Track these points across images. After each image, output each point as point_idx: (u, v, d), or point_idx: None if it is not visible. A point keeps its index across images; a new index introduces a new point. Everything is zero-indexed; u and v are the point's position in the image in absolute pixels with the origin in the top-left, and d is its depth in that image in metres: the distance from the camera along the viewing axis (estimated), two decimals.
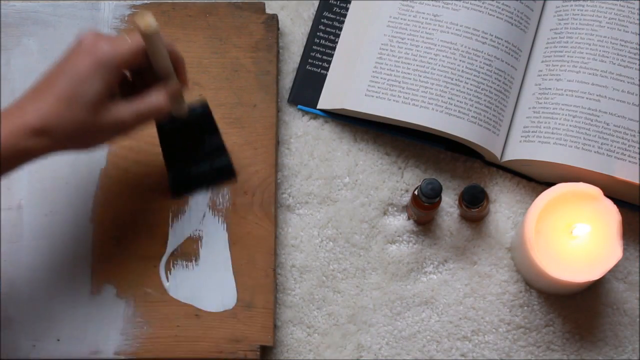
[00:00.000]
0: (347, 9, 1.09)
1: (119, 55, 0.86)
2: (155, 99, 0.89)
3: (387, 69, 1.04)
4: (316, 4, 1.10)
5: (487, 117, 1.02)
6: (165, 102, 0.89)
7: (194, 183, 1.01)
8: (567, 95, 1.01)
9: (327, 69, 1.08)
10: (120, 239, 1.01)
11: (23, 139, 0.83)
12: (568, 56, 1.03)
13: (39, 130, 0.83)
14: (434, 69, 1.03)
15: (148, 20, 0.84)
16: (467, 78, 1.02)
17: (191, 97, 1.05)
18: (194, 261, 1.01)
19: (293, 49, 1.10)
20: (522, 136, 1.02)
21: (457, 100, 1.01)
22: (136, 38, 0.87)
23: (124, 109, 0.87)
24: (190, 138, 0.98)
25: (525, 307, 1.02)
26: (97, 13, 1.07)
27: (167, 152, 0.99)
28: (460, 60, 1.03)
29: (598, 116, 0.99)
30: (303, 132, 1.07)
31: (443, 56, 1.03)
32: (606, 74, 1.00)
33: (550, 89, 1.02)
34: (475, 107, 1.02)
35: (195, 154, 0.99)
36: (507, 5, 1.04)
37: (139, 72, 0.91)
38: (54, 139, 0.84)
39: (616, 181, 0.99)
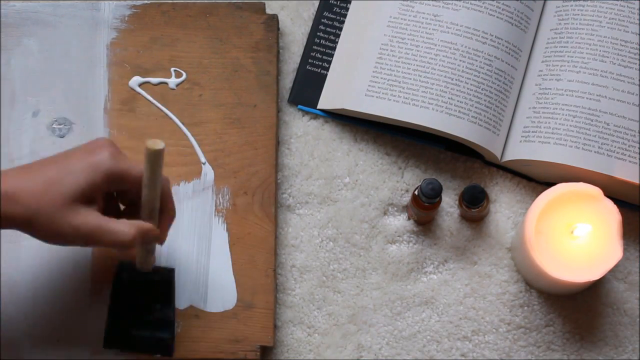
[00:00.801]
0: (347, 9, 1.09)
1: (114, 167, 0.86)
2: (123, 227, 0.87)
3: (388, 69, 1.04)
4: (316, 4, 1.10)
5: (487, 117, 1.02)
6: (131, 238, 0.87)
7: (128, 343, 0.97)
8: (567, 95, 1.01)
9: (327, 69, 1.08)
10: None
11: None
12: (568, 56, 1.03)
13: (10, 195, 0.83)
14: (434, 69, 1.03)
15: (157, 141, 0.83)
16: (467, 78, 1.02)
17: (192, 96, 1.05)
18: (194, 261, 1.01)
19: (293, 49, 1.10)
20: (522, 136, 1.02)
21: (457, 100, 1.01)
22: (140, 167, 0.86)
23: (91, 219, 0.85)
24: (143, 298, 0.97)
25: (526, 307, 1.02)
26: (97, 13, 1.07)
27: (114, 301, 0.96)
28: (460, 60, 1.03)
29: (598, 116, 0.99)
30: (303, 132, 1.07)
31: (443, 56, 1.03)
32: (606, 74, 1.00)
33: (550, 89, 1.02)
34: (476, 107, 1.02)
35: (141, 316, 0.97)
36: (507, 5, 1.04)
37: (130, 203, 0.91)
38: (19, 211, 0.83)
39: (616, 181, 0.99)
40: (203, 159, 1.03)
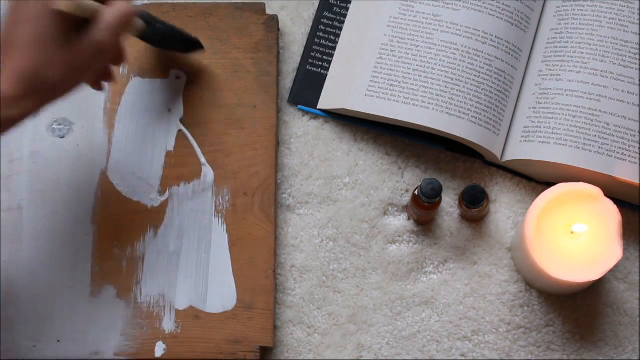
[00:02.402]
0: (347, 9, 1.09)
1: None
2: (118, 3, 0.86)
3: (388, 69, 1.04)
4: (316, 4, 1.10)
5: (488, 117, 1.02)
6: (128, 5, 0.87)
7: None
8: (567, 95, 1.01)
9: (327, 69, 1.08)
10: (120, 240, 1.01)
11: (12, 102, 0.81)
12: (568, 56, 1.02)
13: (26, 89, 0.82)
14: (434, 69, 1.03)
15: None
16: (468, 78, 1.02)
17: (192, 97, 1.05)
18: (194, 262, 1.01)
19: (293, 49, 1.10)
20: (522, 136, 1.02)
21: (458, 100, 1.01)
22: None
23: (96, 30, 0.85)
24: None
25: (526, 307, 1.03)
26: None
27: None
28: (460, 60, 1.03)
29: (598, 116, 0.99)
30: (303, 132, 1.07)
31: (443, 56, 1.03)
32: (606, 74, 1.00)
33: (550, 89, 1.02)
34: (476, 107, 1.02)
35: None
36: (507, 5, 1.04)
37: None
38: (46, 89, 0.83)
39: (616, 181, 0.99)
40: (203, 160, 1.03)
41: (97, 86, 0.95)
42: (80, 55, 0.85)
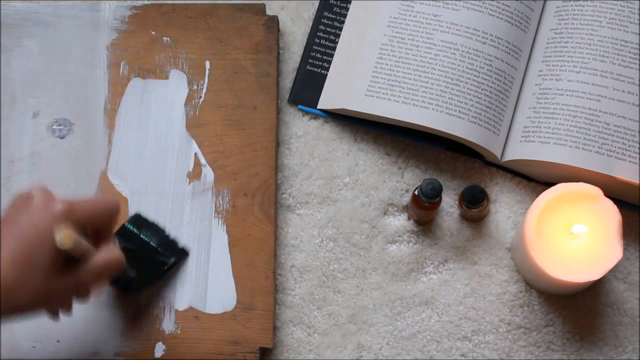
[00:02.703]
0: (347, 9, 1.09)
1: (77, 211, 0.83)
2: (112, 251, 0.87)
3: (388, 69, 1.04)
4: (316, 4, 1.10)
5: (488, 117, 1.02)
6: (120, 254, 0.87)
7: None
8: (567, 95, 1.01)
9: (327, 69, 1.08)
10: None
11: None
12: (568, 56, 1.02)
13: None
14: (434, 69, 1.03)
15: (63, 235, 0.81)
16: (468, 78, 1.02)
17: (192, 98, 1.05)
18: (194, 263, 1.01)
19: (293, 49, 1.10)
20: (522, 136, 1.02)
21: (458, 100, 1.01)
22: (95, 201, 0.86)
23: (83, 270, 0.84)
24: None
25: (526, 307, 1.03)
26: (97, 14, 1.07)
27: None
28: (460, 60, 1.03)
29: (598, 116, 0.99)
30: (303, 132, 1.07)
31: (443, 56, 1.03)
32: (606, 74, 1.00)
33: (550, 89, 1.02)
34: (476, 107, 1.02)
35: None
36: (507, 5, 1.04)
37: None
38: (9, 306, 0.80)
39: (616, 181, 0.99)
40: (203, 161, 1.03)
41: (56, 316, 0.88)
42: (59, 288, 0.83)
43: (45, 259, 0.80)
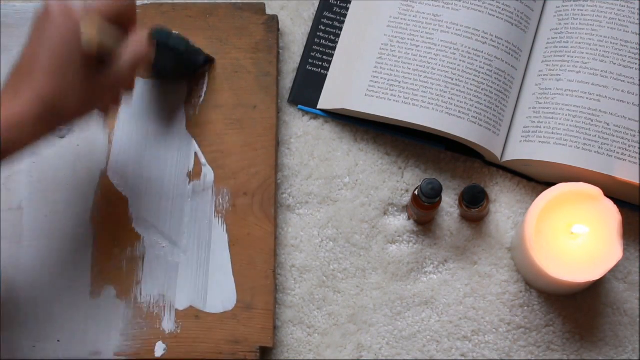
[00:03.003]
0: (347, 9, 1.09)
1: (96, 8, 0.85)
2: (139, 39, 0.88)
3: (388, 69, 1.04)
4: (316, 4, 1.10)
5: (488, 117, 1.02)
6: (148, 41, 0.89)
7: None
8: (567, 95, 1.01)
9: (327, 69, 1.08)
10: (120, 240, 1.01)
11: (28, 126, 0.82)
12: (568, 56, 1.02)
13: (43, 114, 0.82)
14: (434, 69, 1.03)
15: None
16: (468, 78, 1.02)
17: (192, 97, 1.05)
18: (194, 262, 1.01)
19: (293, 49, 1.10)
20: (522, 136, 1.02)
21: (457, 100, 1.01)
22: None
23: (117, 64, 0.86)
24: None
25: (526, 307, 1.02)
26: None
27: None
28: (460, 60, 1.03)
29: (598, 116, 0.99)
30: (303, 132, 1.07)
31: (443, 56, 1.03)
32: (606, 74, 1.00)
33: (550, 89, 1.02)
34: (476, 107, 1.02)
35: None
36: (507, 5, 1.04)
37: None
38: (61, 116, 0.84)
39: (616, 181, 0.99)
40: (203, 160, 1.03)
41: (107, 112, 0.93)
42: (100, 86, 0.86)
43: (77, 64, 0.83)
